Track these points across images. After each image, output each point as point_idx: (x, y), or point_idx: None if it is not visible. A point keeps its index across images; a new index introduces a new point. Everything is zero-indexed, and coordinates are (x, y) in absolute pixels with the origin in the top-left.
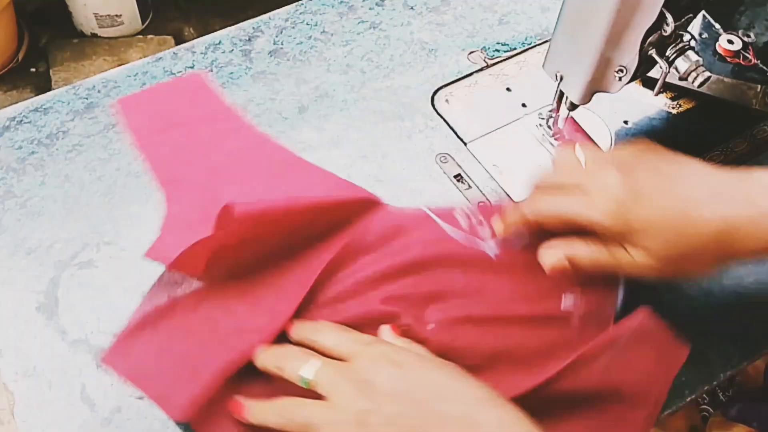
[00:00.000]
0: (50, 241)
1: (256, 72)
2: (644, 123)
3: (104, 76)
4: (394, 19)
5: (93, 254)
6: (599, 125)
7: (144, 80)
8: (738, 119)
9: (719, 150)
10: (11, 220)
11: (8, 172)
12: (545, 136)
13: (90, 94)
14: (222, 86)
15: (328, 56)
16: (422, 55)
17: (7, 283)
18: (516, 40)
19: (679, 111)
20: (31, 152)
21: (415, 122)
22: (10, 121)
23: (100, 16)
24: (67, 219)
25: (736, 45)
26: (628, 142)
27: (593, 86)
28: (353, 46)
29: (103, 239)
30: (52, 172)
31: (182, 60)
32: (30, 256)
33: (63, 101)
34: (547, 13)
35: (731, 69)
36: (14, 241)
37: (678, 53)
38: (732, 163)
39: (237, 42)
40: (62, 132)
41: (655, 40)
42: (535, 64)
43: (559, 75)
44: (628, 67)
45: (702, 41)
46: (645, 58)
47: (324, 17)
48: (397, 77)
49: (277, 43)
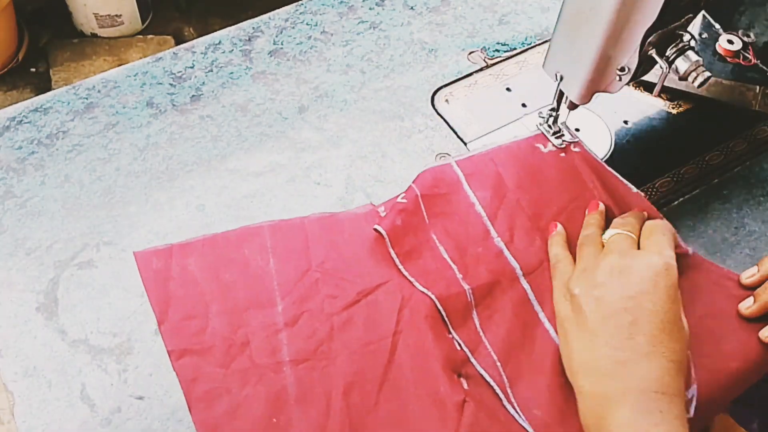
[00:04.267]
0: (50, 241)
1: (256, 72)
2: (644, 123)
3: (104, 76)
4: (394, 19)
5: (93, 254)
6: (599, 125)
7: (144, 80)
8: (738, 119)
9: (719, 150)
10: (11, 220)
11: (8, 172)
12: (545, 135)
13: (90, 94)
14: (222, 86)
15: (328, 56)
16: (422, 55)
17: (7, 283)
18: (516, 40)
19: (679, 111)
20: (31, 152)
21: (415, 122)
22: (10, 121)
23: (100, 16)
24: (67, 219)
25: (736, 45)
26: (627, 140)
27: (593, 86)
28: (353, 46)
29: (103, 239)
30: (52, 172)
31: (182, 60)
32: (30, 256)
33: (63, 101)
34: (547, 13)
35: (731, 69)
36: (14, 241)
37: (678, 53)
38: (732, 162)
39: (237, 42)
40: (62, 132)
41: (655, 40)
42: (535, 64)
43: (559, 75)
44: (628, 67)
45: (702, 41)
46: (645, 58)
47: (324, 17)
48: (397, 77)
49: (277, 43)
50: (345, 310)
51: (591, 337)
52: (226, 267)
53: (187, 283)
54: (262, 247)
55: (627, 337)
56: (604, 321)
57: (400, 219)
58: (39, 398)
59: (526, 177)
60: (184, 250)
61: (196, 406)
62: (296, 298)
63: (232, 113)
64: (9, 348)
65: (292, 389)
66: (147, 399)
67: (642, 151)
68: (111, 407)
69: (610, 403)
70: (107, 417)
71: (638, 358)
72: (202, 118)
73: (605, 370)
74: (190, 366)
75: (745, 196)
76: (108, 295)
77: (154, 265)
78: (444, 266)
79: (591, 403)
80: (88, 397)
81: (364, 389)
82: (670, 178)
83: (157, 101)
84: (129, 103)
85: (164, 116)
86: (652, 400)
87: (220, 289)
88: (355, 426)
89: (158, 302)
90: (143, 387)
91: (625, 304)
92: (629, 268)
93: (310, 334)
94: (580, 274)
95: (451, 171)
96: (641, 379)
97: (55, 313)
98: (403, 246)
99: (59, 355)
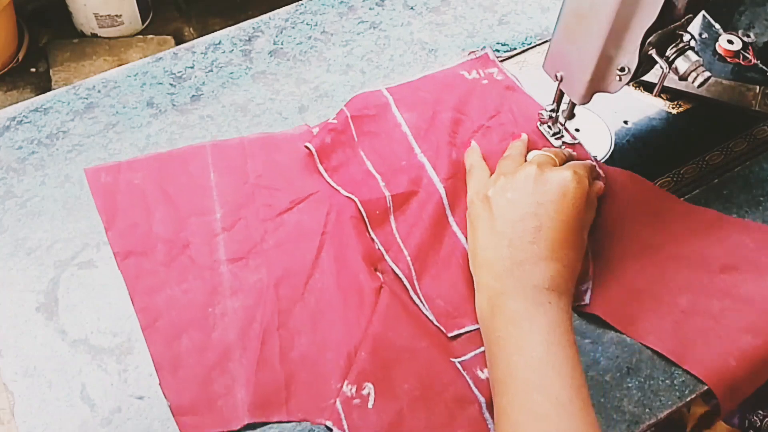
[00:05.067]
0: (50, 241)
1: (256, 72)
2: (644, 123)
3: (104, 76)
4: (394, 19)
5: (93, 254)
6: (599, 125)
7: (144, 80)
8: (738, 119)
9: (719, 150)
10: (11, 220)
11: (8, 172)
12: (545, 135)
13: (90, 94)
14: (222, 86)
15: (328, 56)
16: (422, 55)
17: (7, 283)
18: (516, 40)
19: (679, 111)
20: (31, 152)
21: None
22: (10, 121)
23: (100, 16)
24: (67, 219)
25: (736, 45)
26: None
27: (593, 86)
28: (353, 46)
29: (103, 239)
30: (52, 172)
31: (182, 60)
32: (30, 256)
33: (63, 101)
34: (547, 13)
35: (731, 69)
36: (14, 241)
37: (678, 53)
38: (732, 162)
39: (237, 42)
40: (62, 132)
41: (655, 40)
42: (535, 64)
43: (559, 75)
44: (628, 67)
45: (702, 41)
46: (645, 58)
47: (324, 17)
48: (397, 77)
49: (277, 43)
50: (278, 216)
51: (497, 238)
52: (170, 181)
53: (134, 195)
54: (204, 163)
55: (530, 241)
56: (513, 224)
57: (329, 137)
58: (39, 398)
59: (449, 99)
60: (131, 166)
61: (138, 298)
62: (234, 207)
63: (232, 113)
64: (9, 348)
65: (227, 284)
66: (147, 399)
67: (642, 151)
68: (111, 407)
69: (505, 296)
70: (107, 417)
71: (536, 260)
72: (202, 118)
73: (504, 268)
74: (134, 265)
75: (745, 196)
76: (108, 295)
77: (103, 179)
78: (369, 176)
79: (487, 295)
80: (88, 397)
81: (292, 282)
82: (670, 178)
83: (157, 101)
84: (129, 103)
85: (164, 116)
86: (543, 294)
87: (163, 200)
88: (284, 313)
89: (106, 211)
90: (143, 387)
91: (535, 210)
92: (544, 178)
93: (246, 237)
94: (497, 177)
95: (381, 95)
96: (535, 278)
97: (55, 313)
98: (331, 161)
99: (59, 355)
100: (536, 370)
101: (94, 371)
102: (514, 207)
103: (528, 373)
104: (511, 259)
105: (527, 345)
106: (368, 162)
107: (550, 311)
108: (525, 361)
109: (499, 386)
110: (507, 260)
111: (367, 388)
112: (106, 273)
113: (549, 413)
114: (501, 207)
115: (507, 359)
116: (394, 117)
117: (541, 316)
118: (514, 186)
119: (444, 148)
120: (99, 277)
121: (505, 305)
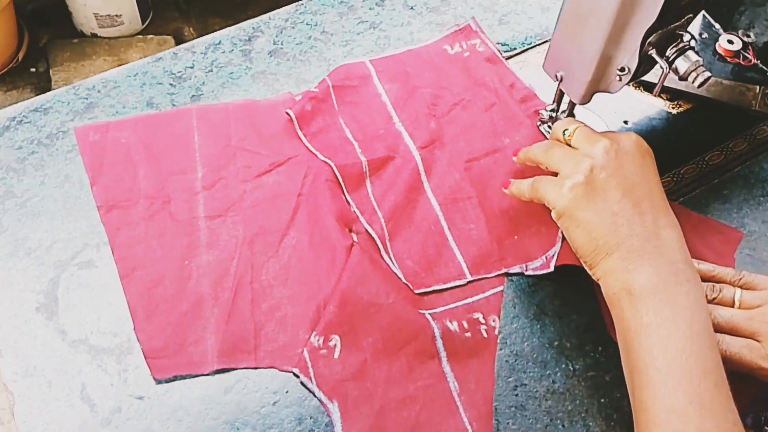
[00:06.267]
0: (50, 241)
1: (256, 72)
2: (644, 123)
3: (104, 76)
4: (394, 19)
5: (93, 254)
6: (599, 125)
7: (144, 80)
8: (738, 119)
9: (719, 150)
10: (11, 220)
11: (8, 172)
12: (545, 135)
13: (90, 94)
14: (222, 86)
15: (328, 56)
16: None
17: (7, 283)
18: (516, 40)
19: (679, 111)
20: (31, 152)
21: None
22: (10, 121)
23: (100, 16)
24: (67, 219)
25: (736, 45)
26: None
27: (593, 86)
28: (353, 46)
29: (103, 239)
30: (52, 172)
31: (182, 60)
32: (30, 256)
33: (63, 101)
34: (547, 13)
35: (731, 69)
36: (14, 241)
37: (678, 53)
38: (732, 162)
39: (237, 42)
40: (62, 132)
41: (655, 40)
42: (535, 64)
43: (559, 75)
44: (628, 67)
45: (702, 41)
46: (645, 58)
47: (324, 17)
48: None
49: (277, 43)
50: (257, 177)
51: (610, 220)
52: (156, 140)
53: (120, 153)
54: (189, 125)
55: (642, 212)
56: (619, 202)
57: (310, 105)
58: (39, 398)
59: (430, 72)
60: (119, 126)
61: (118, 248)
62: (215, 167)
63: None
64: (9, 348)
65: (204, 239)
66: (147, 399)
67: None
68: (111, 407)
69: (641, 277)
70: (107, 417)
71: (656, 232)
72: None
73: (632, 248)
74: (116, 217)
75: (745, 196)
76: (108, 295)
77: (91, 138)
78: (346, 143)
79: (620, 280)
80: (88, 397)
81: (267, 239)
82: (670, 178)
83: (157, 101)
84: (129, 103)
85: None
86: (680, 271)
87: (148, 158)
88: (257, 268)
89: (92, 167)
90: (143, 387)
91: (632, 181)
92: (621, 148)
93: (225, 196)
94: (575, 165)
95: (363, 67)
96: (667, 252)
97: (55, 313)
98: (311, 127)
99: (59, 355)
100: (680, 365)
101: (94, 371)
102: (613, 185)
103: (671, 367)
104: (637, 237)
105: (669, 335)
106: (347, 129)
107: (692, 292)
108: (668, 354)
109: (639, 377)
110: (634, 238)
111: (333, 340)
112: (106, 273)
113: (690, 413)
114: (600, 189)
115: (649, 350)
116: (375, 87)
117: (682, 298)
118: (603, 164)
119: (423, 119)
120: (99, 277)
121: (642, 290)
